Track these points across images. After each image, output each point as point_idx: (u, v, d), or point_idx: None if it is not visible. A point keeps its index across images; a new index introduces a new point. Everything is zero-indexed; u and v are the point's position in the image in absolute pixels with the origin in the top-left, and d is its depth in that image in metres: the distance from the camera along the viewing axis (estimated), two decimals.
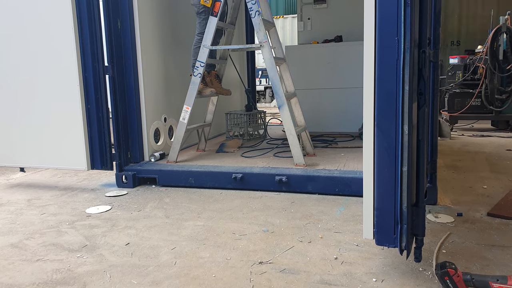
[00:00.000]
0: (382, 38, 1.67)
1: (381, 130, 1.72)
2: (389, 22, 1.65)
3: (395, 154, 1.71)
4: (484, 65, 6.04)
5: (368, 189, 1.83)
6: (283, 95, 3.47)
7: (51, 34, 3.43)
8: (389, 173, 1.74)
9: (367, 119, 1.76)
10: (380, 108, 1.70)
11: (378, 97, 1.69)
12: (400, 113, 1.67)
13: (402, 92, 1.66)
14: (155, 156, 3.86)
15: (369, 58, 1.72)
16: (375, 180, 1.79)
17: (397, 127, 1.69)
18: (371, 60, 1.71)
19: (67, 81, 3.43)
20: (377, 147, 1.75)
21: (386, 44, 1.67)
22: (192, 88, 3.70)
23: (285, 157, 3.83)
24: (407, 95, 1.66)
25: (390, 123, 1.69)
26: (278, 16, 13.39)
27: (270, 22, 3.74)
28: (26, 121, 3.63)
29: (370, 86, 1.72)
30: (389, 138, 1.72)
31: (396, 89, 1.66)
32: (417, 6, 1.74)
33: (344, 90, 5.33)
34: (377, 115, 1.71)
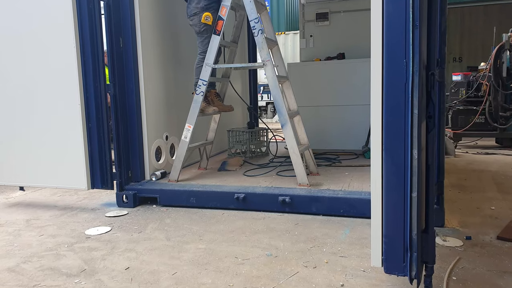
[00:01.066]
0: (389, 61, 1.64)
1: (389, 155, 1.67)
2: (397, 44, 1.62)
3: (404, 179, 1.66)
4: (488, 82, 6.02)
5: (376, 215, 1.77)
6: (286, 114, 3.43)
7: (53, 52, 3.41)
8: (397, 199, 1.68)
9: (374, 143, 1.71)
10: (388, 132, 1.65)
11: (386, 121, 1.65)
12: (409, 137, 1.62)
13: (411, 116, 1.61)
14: (156, 175, 3.80)
15: (376, 81, 1.68)
16: (383, 206, 1.73)
17: (406, 152, 1.64)
18: (378, 83, 1.67)
19: (68, 99, 3.40)
20: (385, 172, 1.69)
21: (394, 66, 1.63)
22: (194, 107, 3.66)
23: (288, 176, 3.77)
24: (416, 119, 1.61)
25: (398, 147, 1.64)
26: (279, 32, 13.47)
27: (273, 41, 3.73)
28: (26, 140, 3.59)
29: (377, 110, 1.67)
30: (397, 162, 1.66)
31: (404, 112, 1.62)
32: (425, 27, 1.71)
33: (347, 107, 5.29)
34: (385, 139, 1.66)
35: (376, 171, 1.75)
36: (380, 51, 1.65)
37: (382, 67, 1.65)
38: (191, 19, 3.71)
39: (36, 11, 3.41)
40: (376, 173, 1.71)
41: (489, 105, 6.06)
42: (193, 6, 3.63)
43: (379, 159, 1.70)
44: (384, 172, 1.69)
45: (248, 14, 3.42)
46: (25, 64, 3.51)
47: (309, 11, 5.87)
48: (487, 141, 6.85)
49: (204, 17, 3.58)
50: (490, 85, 5.99)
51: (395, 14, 1.61)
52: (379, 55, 1.66)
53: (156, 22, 3.89)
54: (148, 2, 3.75)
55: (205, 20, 3.59)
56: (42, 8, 3.38)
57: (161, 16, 3.97)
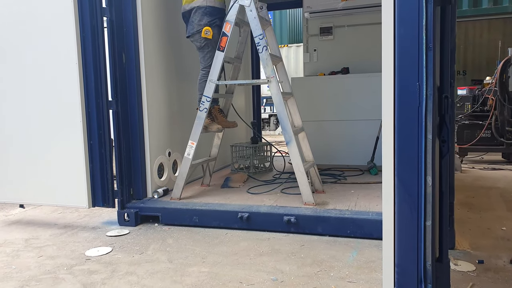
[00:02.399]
0: (401, 84, 1.57)
1: (401, 182, 1.60)
2: (410, 67, 1.56)
3: (418, 207, 1.59)
4: (494, 96, 5.96)
5: (388, 243, 1.69)
6: (291, 131, 3.36)
7: (54, 68, 3.37)
8: (411, 228, 1.60)
9: (386, 170, 1.64)
10: (400, 158, 1.58)
11: (398, 146, 1.58)
12: (423, 163, 1.55)
13: (425, 142, 1.55)
14: (158, 192, 3.73)
15: (387, 104, 1.61)
16: (396, 234, 1.66)
17: (420, 179, 1.57)
18: (389, 107, 1.60)
19: (69, 116, 3.36)
20: (398, 199, 1.62)
21: (406, 90, 1.57)
22: (198, 123, 3.61)
23: (293, 194, 3.70)
24: (430, 144, 1.54)
25: (411, 174, 1.57)
26: (282, 45, 13.51)
27: (277, 57, 3.68)
28: (26, 157, 3.54)
29: (389, 134, 1.60)
30: (410, 190, 1.59)
31: (418, 138, 1.55)
32: (438, 47, 1.65)
33: (352, 122, 5.23)
34: (397, 166, 1.59)
35: (387, 198, 1.67)
36: (391, 74, 1.59)
37: (394, 90, 1.59)
38: (192, 36, 3.67)
39: (37, 26, 3.38)
40: (388, 200, 1.64)
41: (495, 119, 5.99)
42: (196, 23, 3.59)
43: (391, 186, 1.62)
44: (396, 199, 1.62)
45: (252, 30, 3.38)
46: (25, 80, 3.47)
47: (313, 25, 5.84)
48: (493, 155, 6.77)
49: (204, 31, 3.56)
50: (496, 100, 5.93)
51: (407, 36, 1.55)
52: (390, 78, 1.59)
53: (159, 37, 3.86)
54: (152, 17, 3.72)
55: (205, 35, 3.56)
56: (44, 23, 3.35)
57: (165, 31, 3.94)
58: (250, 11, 3.37)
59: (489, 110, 6.07)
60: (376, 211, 3.06)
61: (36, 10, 3.38)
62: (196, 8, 3.58)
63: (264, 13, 3.64)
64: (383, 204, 1.65)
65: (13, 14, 3.45)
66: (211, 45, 3.63)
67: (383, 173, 1.65)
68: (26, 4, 3.40)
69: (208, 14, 3.57)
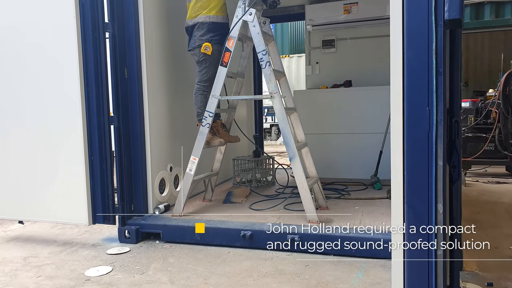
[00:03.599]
0: (411, 108, 1.54)
1: (411, 209, 1.55)
2: (419, 91, 1.52)
3: (428, 236, 1.54)
4: (497, 109, 5.92)
5: (398, 272, 1.63)
6: (295, 147, 3.32)
7: (55, 83, 3.34)
8: (421, 257, 1.55)
9: (395, 196, 1.60)
10: (410, 184, 1.54)
11: (408, 173, 1.53)
12: (434, 190, 1.51)
13: (435, 168, 1.50)
14: (160, 208, 3.68)
15: (397, 129, 1.57)
16: (405, 263, 1.60)
17: (430, 206, 1.52)
18: (399, 132, 1.56)
19: (70, 131, 3.31)
20: (407, 227, 1.57)
21: (416, 114, 1.53)
22: (200, 139, 3.57)
23: (296, 210, 3.64)
24: (441, 171, 1.50)
25: (422, 201, 1.53)
26: (284, 55, 13.52)
27: (280, 72, 3.66)
28: (25, 173, 3.49)
29: (398, 160, 1.56)
30: (420, 217, 1.54)
31: (428, 164, 1.51)
32: (448, 71, 1.61)
33: (355, 135, 5.20)
34: (407, 193, 1.55)
35: (397, 223, 1.62)
36: (400, 98, 1.55)
37: (403, 115, 1.55)
38: (193, 49, 3.66)
39: (38, 41, 3.36)
40: (398, 227, 1.59)
41: (499, 132, 5.94)
42: (197, 38, 3.58)
43: (401, 212, 1.57)
44: (405, 227, 1.57)
45: (256, 46, 3.36)
46: (25, 94, 3.44)
47: (315, 38, 5.84)
48: (497, 168, 6.71)
49: (204, 47, 3.55)
50: (499, 112, 5.89)
51: (417, 59, 1.52)
52: (399, 102, 1.55)
53: (161, 51, 3.84)
54: (154, 31, 3.70)
55: (204, 50, 3.55)
56: (45, 38, 3.33)
57: (167, 45, 3.92)
58: (253, 27, 3.35)
59: (492, 123, 6.02)
60: (382, 230, 3.00)
61: (38, 24, 3.35)
62: (199, 23, 3.56)
63: (267, 28, 3.62)
64: (392, 233, 1.60)
65: (14, 28, 3.43)
66: (209, 61, 3.62)
67: (392, 199, 1.61)
68: (27, 19, 3.38)
69: (211, 30, 3.55)
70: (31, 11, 3.37)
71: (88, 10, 3.22)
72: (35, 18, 3.36)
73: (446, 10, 1.39)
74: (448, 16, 1.39)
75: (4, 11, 3.45)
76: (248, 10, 3.33)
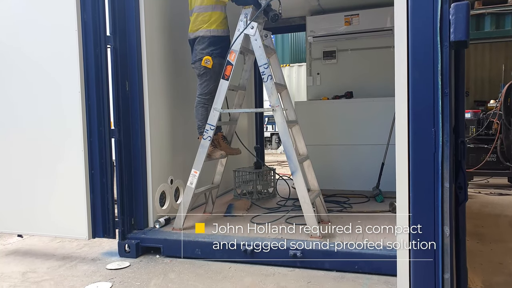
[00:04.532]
0: (416, 130, 1.52)
1: (417, 232, 1.52)
2: (425, 113, 1.50)
3: (434, 258, 1.51)
4: (499, 120, 5.91)
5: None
6: (297, 161, 3.30)
7: (56, 97, 3.33)
8: (428, 281, 1.52)
9: (401, 218, 1.57)
10: (416, 207, 1.51)
11: (414, 195, 1.51)
12: (440, 213, 1.49)
13: (442, 190, 1.48)
14: (160, 222, 3.65)
15: (402, 149, 1.55)
16: (412, 284, 1.57)
17: (437, 229, 1.50)
18: (404, 153, 1.54)
19: (71, 145, 3.30)
20: (413, 250, 1.54)
21: (421, 136, 1.51)
22: (201, 152, 3.55)
23: (298, 224, 3.60)
24: (447, 193, 1.48)
25: (428, 224, 1.50)
26: (284, 64, 13.55)
27: (282, 85, 3.65)
28: (24, 186, 3.47)
29: (404, 182, 1.54)
30: (426, 239, 1.52)
31: (434, 186, 1.49)
32: (453, 92, 1.60)
33: (356, 147, 5.18)
34: (413, 215, 1.52)
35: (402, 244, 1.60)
36: (405, 119, 1.53)
37: (408, 136, 1.53)
38: (194, 63, 3.65)
39: (40, 54, 3.35)
40: (403, 251, 1.56)
41: (501, 143, 5.93)
42: (198, 51, 3.57)
43: (406, 236, 1.55)
44: (411, 250, 1.54)
45: (257, 59, 3.35)
46: (26, 108, 3.43)
47: (316, 49, 5.84)
48: (499, 179, 6.67)
49: (204, 60, 3.55)
50: (501, 124, 5.88)
51: (422, 80, 1.50)
52: (404, 123, 1.54)
53: (163, 64, 3.83)
54: (156, 44, 3.70)
55: (205, 64, 3.55)
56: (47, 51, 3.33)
57: (169, 57, 3.92)
58: (255, 40, 3.34)
59: (494, 134, 6.01)
60: (384, 245, 2.97)
61: (40, 37, 3.35)
62: (200, 37, 3.56)
63: (268, 41, 3.61)
64: (398, 254, 1.58)
65: (16, 40, 3.43)
66: (209, 74, 3.61)
67: (397, 222, 1.58)
68: (29, 30, 3.38)
69: (212, 44, 3.55)
70: (32, 24, 3.37)
71: (90, 24, 3.22)
72: (36, 31, 3.36)
73: (452, 31, 1.38)
74: (454, 38, 1.37)
75: (5, 23, 3.45)
76: (250, 23, 3.32)
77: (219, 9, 3.58)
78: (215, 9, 3.56)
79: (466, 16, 1.38)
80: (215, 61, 3.55)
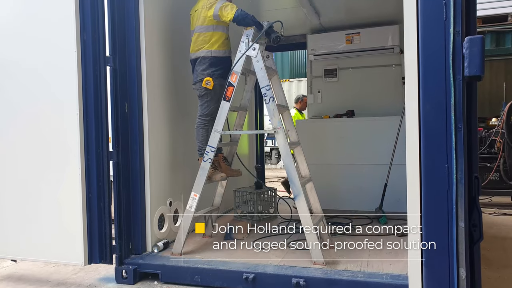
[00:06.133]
0: (428, 165, 1.45)
1: (431, 273, 1.44)
2: (437, 148, 1.43)
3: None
4: (501, 139, 5.86)
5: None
6: (299, 184, 3.23)
7: (54, 118, 3.26)
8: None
9: (413, 258, 1.49)
10: (429, 251, 1.43)
11: (427, 235, 1.43)
12: (455, 254, 1.41)
13: (457, 230, 1.41)
14: (158, 246, 3.55)
15: (414, 186, 1.48)
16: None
17: (451, 270, 1.42)
18: (415, 189, 1.47)
19: (68, 168, 3.22)
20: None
21: (433, 172, 1.44)
22: (201, 174, 3.47)
23: (301, 249, 3.50)
24: (462, 233, 1.40)
25: (442, 265, 1.42)
26: (284, 79, 13.55)
27: (283, 106, 3.60)
28: (19, 209, 3.37)
29: (416, 220, 1.46)
30: (441, 281, 1.43)
31: (448, 226, 1.41)
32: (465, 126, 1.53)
33: (358, 166, 5.11)
34: (426, 255, 1.44)
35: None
36: (416, 154, 1.47)
37: (420, 172, 1.46)
38: (195, 84, 3.61)
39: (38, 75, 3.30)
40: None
41: (504, 162, 5.87)
42: (199, 72, 3.53)
43: (419, 276, 1.47)
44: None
45: (259, 81, 3.30)
46: (22, 130, 3.36)
47: (317, 67, 5.82)
48: (502, 197, 6.59)
49: (205, 81, 3.49)
50: (503, 142, 5.83)
51: (434, 114, 1.44)
52: (415, 158, 1.47)
53: (163, 85, 3.79)
54: (156, 65, 3.65)
55: (206, 85, 3.49)
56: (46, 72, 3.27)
57: (169, 78, 3.87)
58: (257, 62, 3.30)
59: (497, 153, 5.96)
60: (390, 273, 2.87)
61: (38, 58, 3.30)
62: (201, 58, 3.52)
63: (270, 62, 3.58)
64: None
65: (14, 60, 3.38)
66: (210, 95, 3.56)
67: (409, 263, 1.50)
68: (27, 51, 3.32)
69: (213, 65, 3.50)
70: (32, 44, 3.32)
71: (90, 45, 3.17)
72: (36, 52, 3.31)
73: (466, 66, 1.33)
74: (469, 73, 1.32)
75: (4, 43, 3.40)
76: (252, 45, 3.28)
77: (221, 30, 3.54)
78: (217, 29, 3.52)
79: (480, 50, 1.32)
80: (215, 82, 3.50)
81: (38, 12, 3.29)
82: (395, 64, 5.40)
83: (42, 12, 3.27)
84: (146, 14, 3.45)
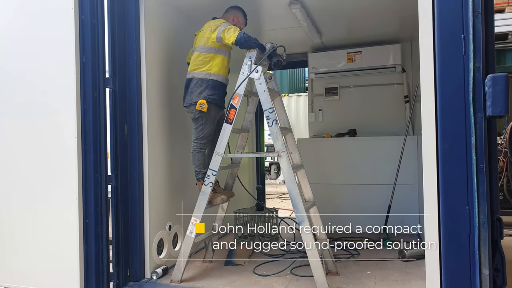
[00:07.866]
0: (447, 208, 1.37)
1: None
2: (457, 189, 1.35)
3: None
4: (504, 158, 5.80)
5: None
6: (304, 210, 3.14)
7: (51, 141, 3.18)
8: None
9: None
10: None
11: (447, 284, 1.34)
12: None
13: (480, 278, 1.31)
14: (157, 272, 3.43)
15: (432, 229, 1.39)
16: None
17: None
18: (434, 234, 1.39)
19: (65, 193, 3.12)
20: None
21: (453, 216, 1.36)
22: (202, 199, 3.37)
23: (305, 276, 3.40)
24: (486, 281, 1.31)
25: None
26: (283, 94, 13.54)
27: (287, 128, 3.53)
28: (12, 235, 3.27)
29: (435, 268, 1.37)
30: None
31: (470, 274, 1.32)
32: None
33: (361, 186, 5.02)
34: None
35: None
36: (435, 195, 1.38)
37: (439, 215, 1.37)
38: (188, 107, 3.52)
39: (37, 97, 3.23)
40: None
41: (507, 181, 5.80)
42: (195, 94, 3.44)
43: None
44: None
45: (262, 104, 3.23)
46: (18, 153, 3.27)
47: (318, 85, 5.76)
48: (506, 216, 6.49)
49: (199, 104, 3.42)
50: (507, 161, 5.77)
51: (453, 153, 1.36)
52: (434, 199, 1.39)
53: (163, 107, 3.71)
54: (156, 88, 3.59)
55: (200, 107, 3.42)
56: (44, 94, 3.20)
57: (169, 100, 3.79)
58: (259, 84, 3.24)
59: (500, 172, 5.89)
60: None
61: (36, 79, 3.23)
62: (198, 80, 3.44)
63: (272, 83, 3.51)
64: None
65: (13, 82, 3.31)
66: (205, 118, 3.48)
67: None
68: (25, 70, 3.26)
69: (210, 88, 3.43)
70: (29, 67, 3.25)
71: (89, 67, 3.10)
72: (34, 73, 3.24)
73: (489, 105, 1.26)
74: (492, 113, 1.25)
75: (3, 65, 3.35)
76: (255, 68, 3.23)
77: (223, 53, 3.48)
78: (219, 52, 3.46)
79: (504, 89, 1.25)
80: (210, 106, 3.44)
81: (38, 33, 3.23)
82: (397, 82, 5.36)
83: (42, 33, 3.22)
84: (147, 36, 3.40)
